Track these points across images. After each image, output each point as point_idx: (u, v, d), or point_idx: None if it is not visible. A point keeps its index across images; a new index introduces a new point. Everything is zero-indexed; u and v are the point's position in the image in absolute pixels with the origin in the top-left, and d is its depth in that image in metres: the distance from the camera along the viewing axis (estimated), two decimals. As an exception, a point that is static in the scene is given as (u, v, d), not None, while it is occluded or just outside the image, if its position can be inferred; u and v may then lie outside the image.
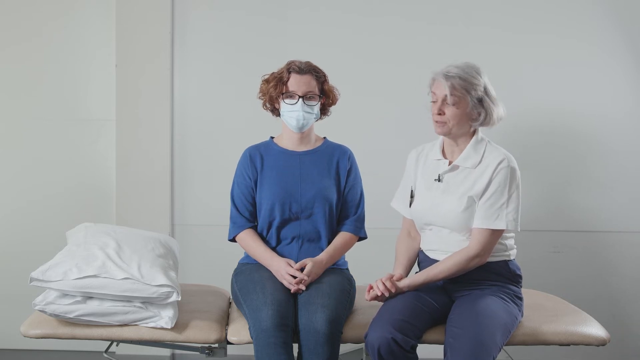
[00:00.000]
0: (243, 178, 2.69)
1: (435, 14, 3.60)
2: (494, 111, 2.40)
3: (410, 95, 3.62)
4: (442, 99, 2.38)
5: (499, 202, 2.36)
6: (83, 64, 3.66)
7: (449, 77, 2.36)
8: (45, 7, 3.65)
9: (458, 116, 2.37)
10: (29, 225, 3.69)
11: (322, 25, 3.61)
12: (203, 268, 3.62)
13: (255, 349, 2.28)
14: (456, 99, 2.36)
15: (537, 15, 3.59)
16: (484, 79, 2.40)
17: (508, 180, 2.37)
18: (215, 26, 3.63)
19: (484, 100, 2.38)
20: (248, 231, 2.67)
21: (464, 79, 2.36)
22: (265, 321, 2.27)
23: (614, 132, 3.62)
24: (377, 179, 3.40)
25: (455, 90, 2.36)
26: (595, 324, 2.37)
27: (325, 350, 2.25)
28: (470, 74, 2.37)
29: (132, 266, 2.32)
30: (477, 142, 2.44)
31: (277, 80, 2.66)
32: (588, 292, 3.56)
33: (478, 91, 2.37)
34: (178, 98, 3.65)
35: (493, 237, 2.35)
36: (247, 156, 2.71)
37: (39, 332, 2.30)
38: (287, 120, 2.66)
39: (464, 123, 2.40)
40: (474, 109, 2.38)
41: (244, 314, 2.43)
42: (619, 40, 3.59)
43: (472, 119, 2.40)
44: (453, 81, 2.35)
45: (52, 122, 3.67)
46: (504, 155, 2.40)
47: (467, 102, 2.37)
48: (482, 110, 2.39)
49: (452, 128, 2.39)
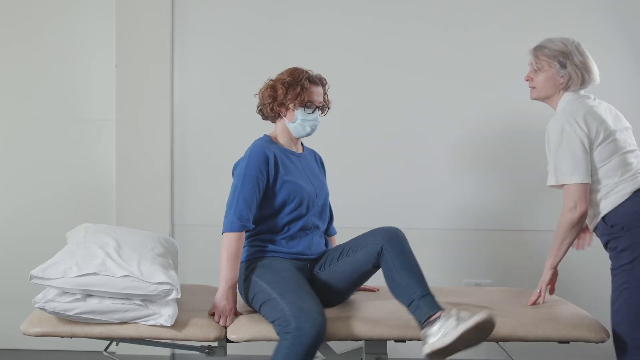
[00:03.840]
0: (260, 173, 2.55)
1: (436, 15, 3.61)
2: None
3: (410, 96, 3.63)
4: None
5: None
6: (83, 64, 3.67)
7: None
8: (45, 7, 3.65)
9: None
10: (29, 225, 3.69)
11: (323, 26, 3.62)
12: (203, 268, 3.60)
13: (305, 343, 2.25)
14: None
15: (538, 13, 3.59)
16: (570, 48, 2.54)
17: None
18: (215, 26, 3.64)
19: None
20: (244, 234, 2.54)
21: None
22: (320, 318, 2.28)
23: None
24: (377, 178, 3.41)
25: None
26: (594, 321, 2.38)
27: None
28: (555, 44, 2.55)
29: (131, 264, 2.32)
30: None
31: (296, 88, 2.62)
32: (587, 291, 3.55)
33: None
34: (178, 98, 3.65)
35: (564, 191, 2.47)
36: (264, 153, 2.58)
37: (39, 330, 2.30)
38: (299, 128, 2.64)
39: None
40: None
41: (272, 310, 2.37)
42: (619, 40, 3.59)
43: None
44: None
45: (52, 122, 3.68)
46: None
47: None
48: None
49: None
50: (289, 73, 2.66)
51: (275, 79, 2.70)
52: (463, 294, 2.73)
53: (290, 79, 2.63)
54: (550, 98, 2.58)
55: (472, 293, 2.79)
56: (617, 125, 2.52)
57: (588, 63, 2.54)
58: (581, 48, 2.55)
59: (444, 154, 3.64)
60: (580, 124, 2.43)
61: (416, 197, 3.63)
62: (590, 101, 2.54)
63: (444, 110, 3.64)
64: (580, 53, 2.53)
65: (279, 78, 2.68)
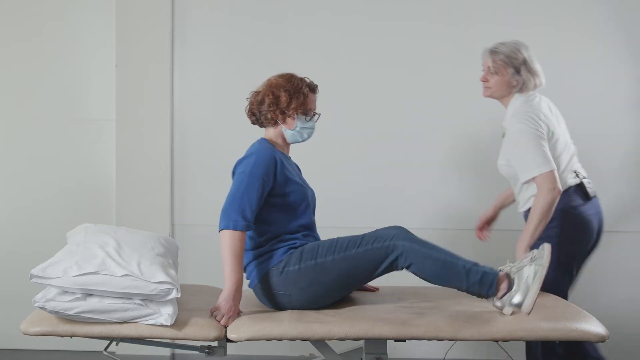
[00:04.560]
0: (267, 174, 2.50)
1: (437, 16, 3.61)
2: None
3: (411, 96, 3.64)
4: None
5: None
6: (83, 64, 3.67)
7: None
8: (45, 8, 3.66)
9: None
10: (29, 225, 3.70)
11: (323, 26, 3.62)
12: (203, 268, 3.62)
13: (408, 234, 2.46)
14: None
15: (538, 12, 3.60)
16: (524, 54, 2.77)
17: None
18: (215, 26, 3.64)
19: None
20: (245, 234, 2.48)
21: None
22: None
23: (614, 131, 3.62)
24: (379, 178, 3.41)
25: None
26: (594, 320, 2.38)
27: None
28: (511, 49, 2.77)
29: (131, 264, 2.32)
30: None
31: (299, 97, 2.59)
32: (587, 291, 3.55)
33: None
34: (178, 98, 3.65)
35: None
36: (273, 157, 2.55)
37: (39, 329, 2.30)
38: (297, 135, 2.63)
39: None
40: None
41: (357, 256, 2.43)
42: (619, 38, 3.60)
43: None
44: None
45: (52, 122, 3.68)
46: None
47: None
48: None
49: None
50: (288, 80, 2.62)
51: (272, 84, 2.63)
52: (463, 295, 2.72)
53: (292, 87, 2.60)
54: (503, 98, 2.83)
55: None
56: (560, 125, 2.82)
57: (537, 68, 2.80)
58: (531, 53, 2.80)
59: (440, 153, 3.65)
60: (540, 123, 2.70)
61: (411, 197, 3.63)
62: (538, 102, 2.80)
63: (443, 110, 3.64)
64: (531, 60, 2.79)
65: (278, 84, 2.62)
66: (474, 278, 2.39)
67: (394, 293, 2.68)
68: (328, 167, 3.59)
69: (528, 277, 2.34)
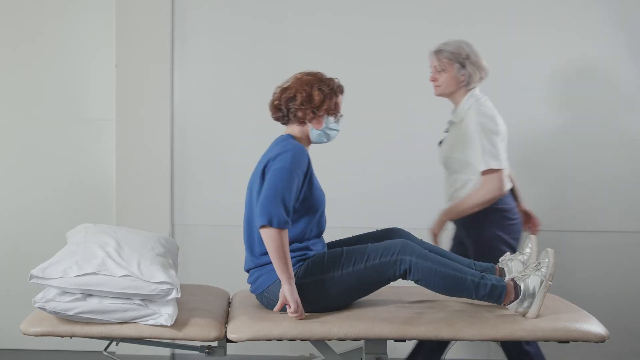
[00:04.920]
0: (302, 172, 2.44)
1: (436, 16, 3.61)
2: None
3: (411, 96, 3.64)
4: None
5: None
6: (83, 64, 3.67)
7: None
8: (45, 8, 3.66)
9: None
10: (29, 225, 3.70)
11: (323, 28, 3.63)
12: (203, 268, 3.63)
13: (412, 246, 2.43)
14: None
15: (538, 12, 3.60)
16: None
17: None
18: (215, 26, 3.64)
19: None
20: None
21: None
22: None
23: (614, 131, 3.62)
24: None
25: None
26: (594, 321, 2.37)
27: None
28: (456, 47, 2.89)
29: (131, 264, 2.32)
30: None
31: (333, 98, 2.55)
32: (587, 291, 3.56)
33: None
34: (178, 98, 3.66)
35: None
36: (308, 156, 2.50)
37: (38, 329, 2.30)
38: (322, 136, 2.57)
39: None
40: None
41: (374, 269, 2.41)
42: (619, 39, 3.60)
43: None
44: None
45: (52, 122, 3.68)
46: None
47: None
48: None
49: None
50: (321, 79, 2.55)
51: (303, 81, 2.54)
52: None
53: (326, 87, 2.54)
54: (453, 94, 2.94)
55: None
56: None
57: (481, 62, 2.91)
58: (474, 49, 2.91)
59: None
60: (499, 123, 2.86)
61: (411, 197, 3.63)
62: (490, 103, 2.91)
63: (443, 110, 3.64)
64: (474, 54, 2.90)
65: (310, 82, 2.54)
66: (483, 291, 2.39)
67: (394, 293, 2.68)
68: (328, 167, 3.57)
69: (534, 287, 2.36)
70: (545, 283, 2.36)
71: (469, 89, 2.92)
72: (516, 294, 2.37)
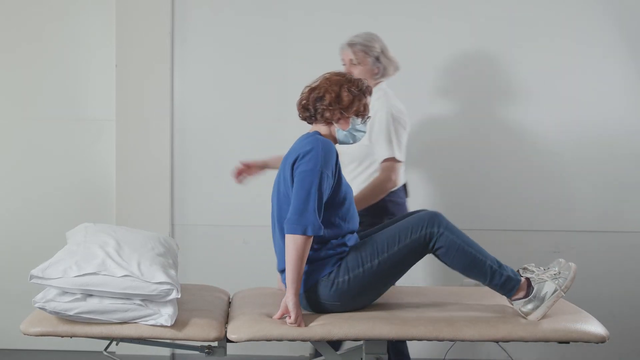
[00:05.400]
0: (332, 172, 2.41)
1: (437, 16, 3.61)
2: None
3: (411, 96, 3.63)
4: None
5: None
6: (83, 64, 3.67)
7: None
8: (45, 8, 3.66)
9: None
10: (29, 225, 3.70)
11: (323, 26, 3.62)
12: (203, 268, 3.63)
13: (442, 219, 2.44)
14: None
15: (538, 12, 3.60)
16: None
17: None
18: (215, 26, 3.64)
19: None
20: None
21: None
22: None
23: (614, 132, 3.63)
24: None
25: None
26: (594, 321, 2.38)
27: None
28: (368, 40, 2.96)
29: (131, 264, 2.32)
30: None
31: (362, 99, 2.52)
32: (587, 291, 3.55)
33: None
34: (178, 98, 3.66)
35: None
36: (335, 151, 2.46)
37: (39, 329, 2.30)
38: (349, 137, 2.54)
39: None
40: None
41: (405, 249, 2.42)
42: (618, 39, 3.60)
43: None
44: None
45: (52, 122, 3.68)
46: None
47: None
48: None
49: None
50: (350, 80, 2.52)
51: (332, 81, 2.51)
52: (463, 295, 2.73)
53: (356, 88, 2.51)
54: None
55: (471, 293, 2.79)
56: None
57: (391, 54, 3.00)
58: (383, 42, 2.99)
59: (440, 153, 3.65)
60: (405, 119, 2.96)
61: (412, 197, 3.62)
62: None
63: (443, 110, 3.64)
64: (385, 48, 2.98)
65: (340, 83, 2.50)
66: (498, 280, 2.40)
67: (394, 293, 2.68)
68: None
69: (547, 292, 2.37)
70: (559, 292, 2.37)
71: (377, 82, 2.98)
72: (527, 293, 2.39)
